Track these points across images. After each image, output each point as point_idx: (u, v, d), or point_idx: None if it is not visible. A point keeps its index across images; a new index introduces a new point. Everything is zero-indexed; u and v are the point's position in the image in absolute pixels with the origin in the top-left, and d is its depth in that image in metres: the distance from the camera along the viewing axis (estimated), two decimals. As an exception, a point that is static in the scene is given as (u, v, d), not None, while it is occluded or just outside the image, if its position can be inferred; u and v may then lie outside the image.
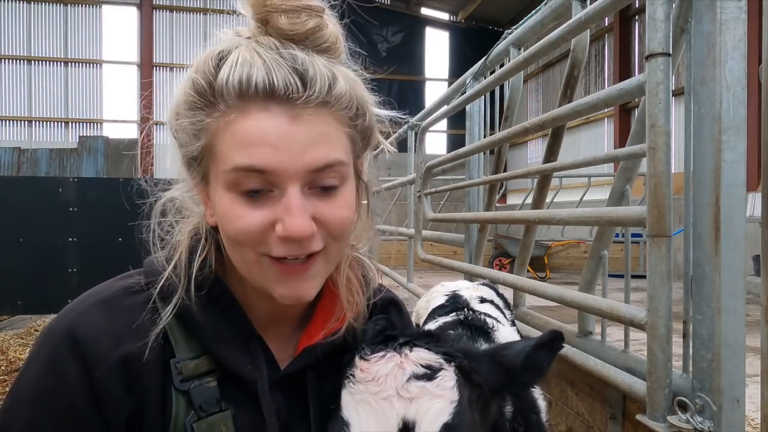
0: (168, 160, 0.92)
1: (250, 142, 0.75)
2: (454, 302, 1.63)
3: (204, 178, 0.84)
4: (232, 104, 0.76)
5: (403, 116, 0.99)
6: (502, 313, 1.72)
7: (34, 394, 0.80)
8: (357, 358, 0.83)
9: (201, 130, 0.79)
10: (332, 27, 0.82)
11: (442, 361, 0.81)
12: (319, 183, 0.79)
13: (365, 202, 0.96)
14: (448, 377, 0.79)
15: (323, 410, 0.91)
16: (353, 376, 0.81)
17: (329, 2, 0.84)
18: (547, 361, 0.87)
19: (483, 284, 1.97)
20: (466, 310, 1.53)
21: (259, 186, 0.77)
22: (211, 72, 0.78)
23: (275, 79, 0.75)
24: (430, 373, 0.79)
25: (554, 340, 0.88)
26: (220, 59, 0.79)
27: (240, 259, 0.83)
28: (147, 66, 20.82)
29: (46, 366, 0.80)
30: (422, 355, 0.81)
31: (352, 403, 0.78)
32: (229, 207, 0.78)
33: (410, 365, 0.79)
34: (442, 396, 0.76)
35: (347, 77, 0.82)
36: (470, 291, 1.74)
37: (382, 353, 0.82)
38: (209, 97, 0.78)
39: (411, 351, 0.82)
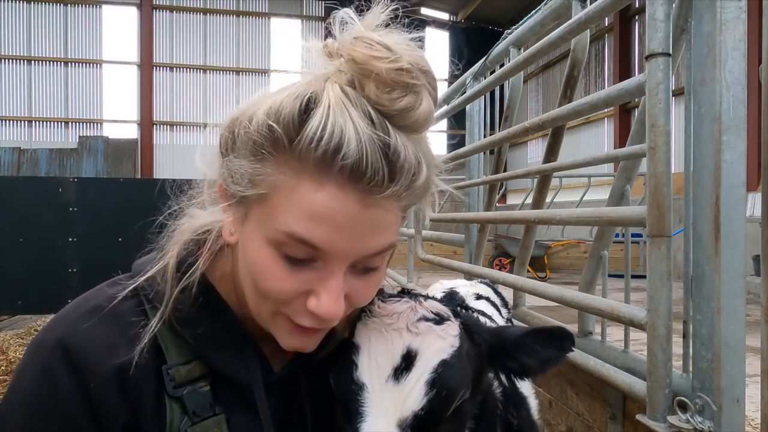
0: (197, 158, 0.87)
1: (315, 216, 0.70)
2: (450, 299, 1.64)
3: (244, 215, 0.78)
4: (308, 169, 0.69)
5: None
6: (498, 311, 1.72)
7: (26, 404, 0.79)
8: (376, 299, 0.91)
9: (263, 180, 0.72)
10: (426, 104, 0.73)
11: (450, 314, 0.92)
12: (366, 264, 0.78)
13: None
14: (453, 327, 0.89)
15: (318, 411, 0.91)
16: (370, 311, 0.90)
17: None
18: (551, 356, 0.91)
19: (481, 282, 1.97)
20: (460, 307, 1.54)
21: (306, 258, 0.73)
22: (294, 124, 0.69)
23: (365, 164, 0.67)
24: (438, 320, 0.89)
25: (561, 338, 0.91)
26: (308, 107, 0.70)
27: (257, 306, 0.81)
28: (147, 66, 20.83)
29: (38, 376, 0.79)
30: (434, 305, 0.92)
31: (365, 331, 0.87)
32: (266, 263, 0.74)
33: (423, 310, 0.90)
34: (445, 339, 0.86)
35: (428, 162, 0.77)
36: (467, 288, 1.75)
37: (398, 298, 0.93)
38: (285, 150, 0.70)
39: (425, 300, 0.93)
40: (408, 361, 0.82)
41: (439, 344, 0.84)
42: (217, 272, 0.89)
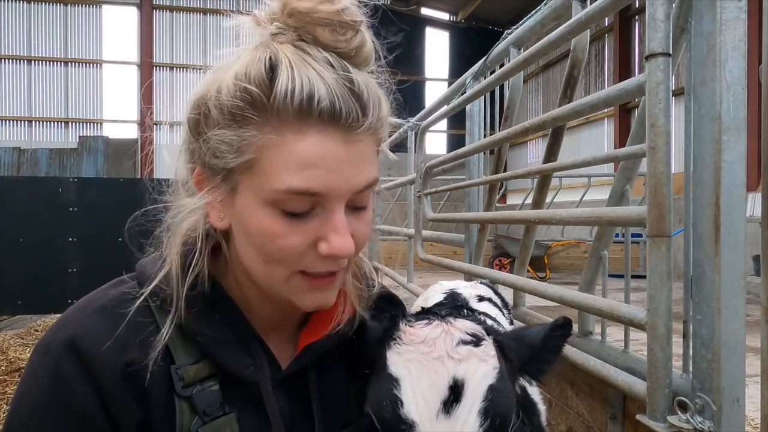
0: (165, 154, 0.90)
1: (306, 164, 0.72)
2: (453, 300, 1.63)
3: (233, 189, 0.79)
4: (288, 122, 0.72)
5: (404, 118, 0.99)
6: (501, 311, 1.71)
7: (40, 408, 0.78)
8: (402, 325, 0.88)
9: (249, 144, 0.74)
10: (370, 42, 0.80)
11: (484, 332, 0.88)
12: (356, 203, 0.80)
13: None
14: (490, 346, 0.85)
15: (326, 407, 0.92)
16: (399, 339, 0.86)
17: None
18: (560, 346, 0.93)
19: (481, 283, 1.97)
20: (464, 309, 1.52)
21: (306, 209, 0.76)
22: (265, 82, 0.72)
23: (339, 105, 0.72)
24: (475, 341, 0.85)
25: (565, 326, 0.93)
26: (272, 66, 0.73)
27: (267, 274, 0.81)
28: (147, 66, 20.82)
29: (50, 379, 0.78)
30: (467, 325, 0.88)
31: (402, 361, 0.83)
32: (269, 225, 0.75)
33: (457, 332, 0.85)
34: (487, 361, 0.82)
35: (384, 97, 0.82)
36: (468, 289, 1.74)
37: (427, 321, 0.89)
38: (264, 110, 0.73)
39: (455, 320, 0.89)
40: (456, 391, 0.78)
41: (484, 368, 0.81)
42: (219, 269, 0.89)
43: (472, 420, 0.76)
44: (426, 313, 0.93)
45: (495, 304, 1.71)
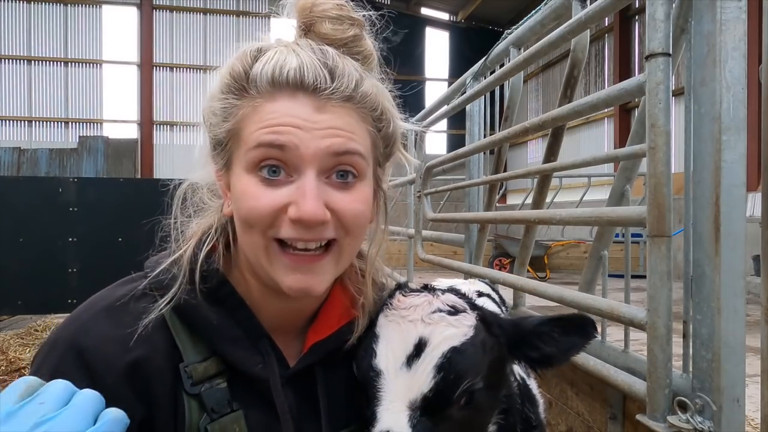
0: (196, 152, 0.96)
1: (275, 123, 0.79)
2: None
3: (227, 163, 0.86)
4: (263, 91, 0.81)
5: (409, 119, 1.01)
6: (500, 308, 1.72)
7: None
8: (397, 293, 1.00)
9: (230, 113, 0.83)
10: (369, 42, 0.89)
11: (467, 307, 0.97)
12: (337, 170, 0.82)
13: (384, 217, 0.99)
14: (468, 318, 0.94)
15: (333, 405, 0.93)
16: (391, 305, 0.97)
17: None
18: (573, 343, 0.96)
19: (479, 280, 1.98)
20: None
21: (278, 162, 0.79)
22: (248, 61, 0.83)
23: (305, 71, 0.79)
24: (453, 311, 0.94)
25: (583, 325, 0.96)
26: (259, 52, 0.83)
27: (249, 245, 0.83)
28: (147, 66, 20.84)
29: (50, 376, 0.78)
30: (451, 298, 0.98)
31: (385, 323, 0.95)
32: (246, 187, 0.80)
33: (438, 303, 0.96)
34: (458, 327, 0.91)
35: (375, 84, 0.87)
36: (467, 286, 1.75)
37: (418, 293, 1.00)
38: (243, 82, 0.82)
39: (443, 294, 0.99)
40: (419, 348, 0.88)
41: (450, 332, 0.90)
42: (231, 269, 0.91)
43: (426, 373, 0.86)
44: (425, 288, 1.03)
45: (494, 301, 1.73)
